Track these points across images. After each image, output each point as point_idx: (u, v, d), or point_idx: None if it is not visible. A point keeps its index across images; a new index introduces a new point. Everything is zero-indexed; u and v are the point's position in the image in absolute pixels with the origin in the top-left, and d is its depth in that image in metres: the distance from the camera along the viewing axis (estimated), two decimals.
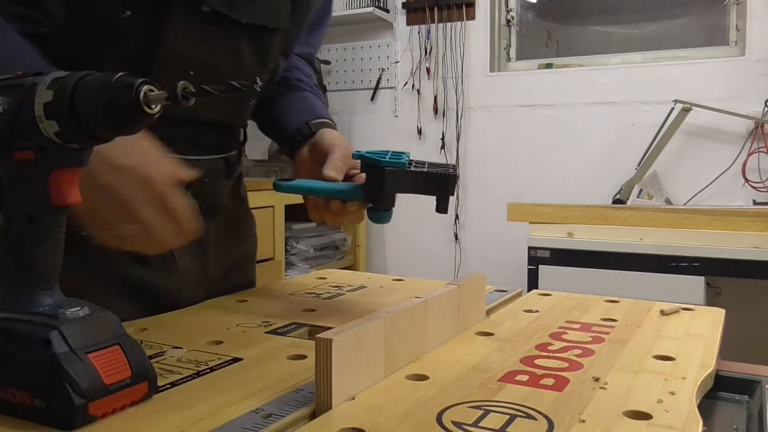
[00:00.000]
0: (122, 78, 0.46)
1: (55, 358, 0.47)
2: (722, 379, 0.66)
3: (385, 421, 0.49)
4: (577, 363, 0.63)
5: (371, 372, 0.57)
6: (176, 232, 0.66)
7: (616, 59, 3.12)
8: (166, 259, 0.86)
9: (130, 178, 0.63)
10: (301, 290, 0.97)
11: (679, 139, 2.84)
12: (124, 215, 0.64)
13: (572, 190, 3.01)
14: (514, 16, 3.36)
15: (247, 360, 0.64)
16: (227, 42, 0.82)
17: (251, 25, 0.82)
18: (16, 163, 0.50)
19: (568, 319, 0.80)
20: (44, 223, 0.50)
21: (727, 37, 2.97)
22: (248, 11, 0.81)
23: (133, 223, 0.64)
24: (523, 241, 2.32)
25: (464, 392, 0.55)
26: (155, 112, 0.47)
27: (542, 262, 2.25)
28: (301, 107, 0.98)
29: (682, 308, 0.85)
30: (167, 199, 0.65)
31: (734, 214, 2.08)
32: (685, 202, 2.83)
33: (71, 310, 0.50)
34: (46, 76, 0.48)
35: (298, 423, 0.50)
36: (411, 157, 0.76)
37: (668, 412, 0.51)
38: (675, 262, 2.08)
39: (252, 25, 0.83)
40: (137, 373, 0.51)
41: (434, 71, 3.35)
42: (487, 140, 3.27)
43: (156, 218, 0.64)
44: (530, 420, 0.49)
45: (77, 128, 0.47)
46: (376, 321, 0.57)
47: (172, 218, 0.65)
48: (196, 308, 0.87)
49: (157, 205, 0.64)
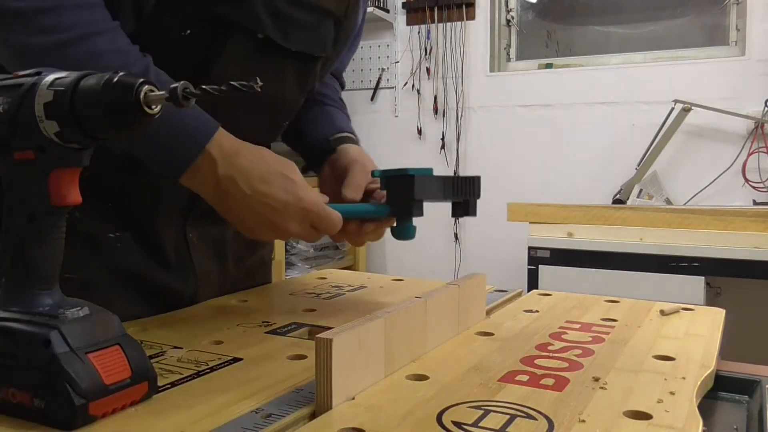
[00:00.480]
0: (122, 78, 0.46)
1: (55, 358, 0.47)
2: (722, 379, 0.66)
3: (385, 421, 0.49)
4: (577, 363, 0.63)
5: (371, 372, 0.57)
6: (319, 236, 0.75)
7: (616, 59, 3.12)
8: (184, 263, 0.87)
9: (283, 207, 0.71)
10: (301, 290, 0.97)
11: (679, 139, 2.84)
12: (274, 233, 0.73)
13: (572, 190, 3.01)
14: (514, 16, 3.37)
15: (247, 360, 0.64)
16: (274, 67, 0.84)
17: (299, 52, 0.84)
18: (16, 163, 0.50)
19: (568, 319, 0.80)
20: (44, 223, 0.50)
21: (727, 37, 2.97)
22: (298, 40, 0.83)
23: (281, 236, 0.74)
24: (523, 241, 2.32)
25: (464, 392, 0.55)
26: (155, 112, 0.47)
27: (542, 262, 2.25)
28: (323, 122, 1.00)
29: (682, 308, 0.85)
30: (320, 222, 0.73)
31: (734, 214, 2.08)
32: (685, 202, 2.83)
33: (71, 310, 0.50)
34: (46, 76, 0.48)
35: (298, 423, 0.50)
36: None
37: (668, 412, 0.51)
38: (675, 262, 2.08)
39: (299, 53, 0.84)
40: (137, 373, 0.51)
41: (434, 71, 3.35)
42: (487, 140, 3.27)
43: (303, 232, 0.73)
44: (530, 420, 0.49)
45: (77, 128, 0.47)
46: (376, 321, 0.57)
47: (319, 232, 0.74)
48: (196, 308, 0.87)
49: (306, 223, 0.73)
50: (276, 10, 0.78)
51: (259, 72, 0.81)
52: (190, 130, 0.70)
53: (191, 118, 0.70)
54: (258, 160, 0.72)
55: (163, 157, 0.70)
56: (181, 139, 0.69)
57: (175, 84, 0.46)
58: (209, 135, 0.70)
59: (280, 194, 0.71)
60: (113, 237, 0.81)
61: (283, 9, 0.79)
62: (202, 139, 0.70)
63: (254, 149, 0.73)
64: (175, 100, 0.46)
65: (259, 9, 0.76)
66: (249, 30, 0.77)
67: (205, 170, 0.70)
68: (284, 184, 0.71)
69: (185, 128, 0.69)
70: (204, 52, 0.76)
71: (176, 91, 0.46)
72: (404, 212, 0.77)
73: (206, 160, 0.70)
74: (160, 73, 0.71)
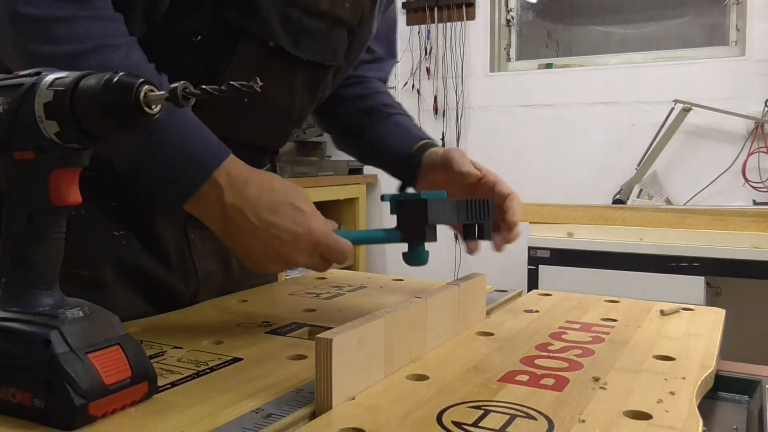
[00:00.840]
0: (122, 78, 0.46)
1: (55, 358, 0.47)
2: (722, 379, 0.66)
3: (385, 421, 0.49)
4: (577, 363, 0.63)
5: (371, 372, 0.57)
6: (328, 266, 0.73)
7: (616, 59, 3.12)
8: (186, 265, 0.87)
9: (292, 239, 0.69)
10: (301, 290, 0.97)
11: (679, 139, 2.84)
12: (282, 264, 0.72)
13: (572, 190, 3.01)
14: (514, 16, 3.37)
15: (247, 360, 0.64)
16: (284, 75, 0.83)
17: (309, 61, 0.84)
18: (16, 163, 0.50)
19: (568, 319, 0.80)
20: (44, 223, 0.50)
21: (727, 37, 2.97)
22: (310, 49, 0.82)
23: (288, 267, 0.73)
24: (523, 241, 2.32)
25: (464, 392, 0.55)
26: (155, 112, 0.47)
27: (542, 262, 2.25)
28: (399, 134, 0.99)
29: (682, 308, 0.85)
30: (330, 252, 0.71)
31: (734, 214, 2.09)
32: (685, 202, 2.83)
33: (71, 311, 0.50)
34: (46, 76, 0.48)
35: (298, 423, 0.50)
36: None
37: (668, 412, 0.51)
38: (675, 262, 2.08)
39: (310, 62, 0.84)
40: (137, 373, 0.51)
41: (434, 71, 3.35)
42: (487, 140, 3.27)
43: (312, 263, 0.72)
44: (530, 420, 0.49)
45: (77, 128, 0.47)
46: (376, 321, 0.57)
47: (329, 262, 0.72)
48: (196, 308, 0.87)
49: (315, 255, 0.71)
50: (288, 19, 0.78)
51: (268, 80, 0.82)
52: (198, 155, 0.68)
53: (200, 143, 0.69)
54: (267, 190, 0.69)
55: (170, 182, 0.69)
56: (188, 164, 0.68)
57: (175, 84, 0.46)
58: (218, 162, 0.68)
59: (289, 225, 0.69)
60: (118, 235, 0.81)
61: (296, 17, 0.78)
62: (210, 165, 0.68)
63: (264, 178, 0.71)
64: (175, 100, 0.46)
65: (271, 17, 0.76)
66: (260, 38, 0.77)
67: (211, 197, 0.68)
68: (293, 214, 0.69)
69: (194, 153, 0.68)
70: (214, 58, 0.76)
71: (176, 91, 0.46)
72: (416, 237, 0.74)
73: (213, 186, 0.68)
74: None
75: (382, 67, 1.08)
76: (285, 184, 0.71)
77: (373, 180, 3.47)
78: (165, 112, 0.66)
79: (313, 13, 0.80)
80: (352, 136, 1.04)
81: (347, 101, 1.03)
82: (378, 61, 1.07)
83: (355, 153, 1.07)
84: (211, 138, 0.70)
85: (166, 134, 0.67)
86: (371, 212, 3.52)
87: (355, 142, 1.05)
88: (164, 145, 0.67)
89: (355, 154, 1.08)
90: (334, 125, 1.08)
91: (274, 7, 0.76)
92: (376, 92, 1.04)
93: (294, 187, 0.72)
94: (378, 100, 1.03)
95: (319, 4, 0.80)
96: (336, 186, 3.20)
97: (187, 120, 0.69)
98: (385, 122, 1.01)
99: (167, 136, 0.67)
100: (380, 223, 3.50)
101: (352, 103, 1.03)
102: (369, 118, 1.02)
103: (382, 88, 1.06)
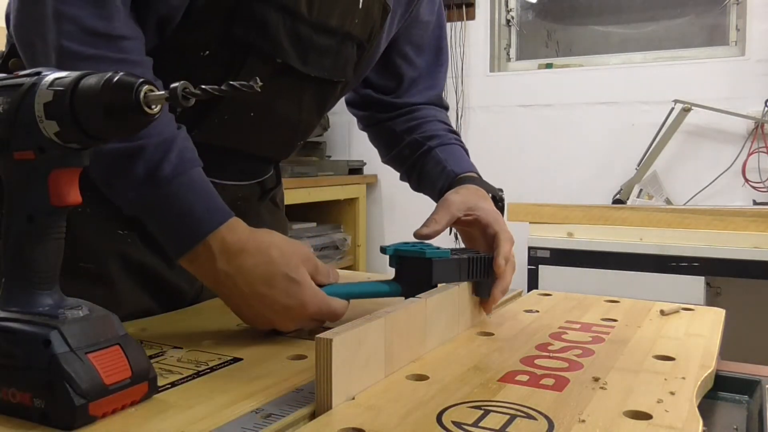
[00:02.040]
0: (122, 78, 0.46)
1: (55, 358, 0.47)
2: (722, 379, 0.66)
3: (385, 421, 0.49)
4: (577, 363, 0.63)
5: (371, 372, 0.57)
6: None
7: (616, 59, 3.12)
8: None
9: (284, 311, 0.69)
10: None
11: (679, 139, 2.84)
12: (272, 328, 0.71)
13: (572, 190, 3.01)
14: (514, 16, 3.36)
15: (247, 360, 0.64)
16: (292, 90, 0.83)
17: (318, 77, 0.83)
18: (16, 163, 0.50)
19: (568, 319, 0.80)
20: (44, 223, 0.50)
21: (727, 37, 2.97)
22: (318, 65, 0.82)
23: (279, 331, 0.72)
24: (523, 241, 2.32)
25: (464, 392, 0.55)
26: (155, 112, 0.47)
27: (542, 262, 2.25)
28: (436, 170, 0.97)
29: (682, 308, 0.85)
30: (322, 317, 0.71)
31: (734, 214, 2.08)
32: (685, 202, 2.83)
33: (71, 311, 0.50)
34: (46, 76, 0.48)
35: (298, 423, 0.50)
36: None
37: (668, 412, 0.51)
38: (675, 262, 2.08)
39: (318, 78, 0.84)
40: (137, 373, 0.51)
41: None
42: (487, 140, 3.26)
43: (303, 326, 0.71)
44: (530, 420, 0.49)
45: (77, 128, 0.47)
46: (376, 321, 0.57)
47: (321, 323, 0.72)
48: (196, 308, 0.87)
49: (306, 321, 0.71)
50: (297, 35, 0.77)
51: (276, 94, 0.82)
52: (197, 216, 0.67)
53: (203, 202, 0.68)
54: (262, 261, 0.67)
55: (167, 234, 0.69)
56: (184, 223, 0.67)
57: (175, 84, 0.46)
58: (214, 226, 0.67)
59: (282, 299, 0.68)
60: (122, 234, 0.81)
61: (305, 34, 0.78)
62: (206, 227, 0.67)
63: (262, 246, 0.68)
64: (175, 100, 0.46)
65: (280, 33, 0.76)
66: (267, 54, 0.77)
67: (203, 260, 0.67)
68: (288, 287, 0.68)
69: (193, 213, 0.67)
70: (221, 73, 0.75)
71: (176, 91, 0.46)
72: (415, 293, 0.71)
73: (205, 251, 0.67)
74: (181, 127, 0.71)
75: (432, 83, 1.05)
76: (283, 251, 0.69)
77: (373, 180, 3.46)
78: (174, 167, 0.66)
79: (323, 29, 0.80)
80: (405, 174, 1.04)
81: (397, 135, 1.03)
82: (426, 78, 1.04)
83: (413, 185, 1.05)
84: (215, 201, 0.69)
85: (172, 186, 0.67)
86: (371, 212, 3.51)
87: (408, 180, 1.04)
88: (167, 197, 0.67)
89: (413, 186, 1.06)
90: (391, 162, 1.07)
91: (283, 23, 0.76)
92: (420, 123, 1.02)
93: (292, 252, 0.69)
94: (422, 132, 1.01)
95: (329, 21, 0.80)
96: (336, 186, 3.20)
97: (195, 179, 0.69)
98: (423, 158, 0.99)
99: (173, 188, 0.67)
100: (380, 224, 3.50)
101: (402, 137, 1.02)
102: (412, 153, 1.00)
103: (429, 116, 1.03)
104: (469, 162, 0.99)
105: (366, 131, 1.10)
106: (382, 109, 1.05)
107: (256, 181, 0.96)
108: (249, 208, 0.93)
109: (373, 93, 1.04)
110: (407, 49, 1.01)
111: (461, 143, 1.03)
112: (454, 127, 1.06)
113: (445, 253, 0.73)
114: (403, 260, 0.74)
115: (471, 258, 0.75)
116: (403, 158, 1.03)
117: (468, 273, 0.75)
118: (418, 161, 1.00)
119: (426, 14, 1.01)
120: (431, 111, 1.04)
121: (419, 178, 1.00)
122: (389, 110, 1.04)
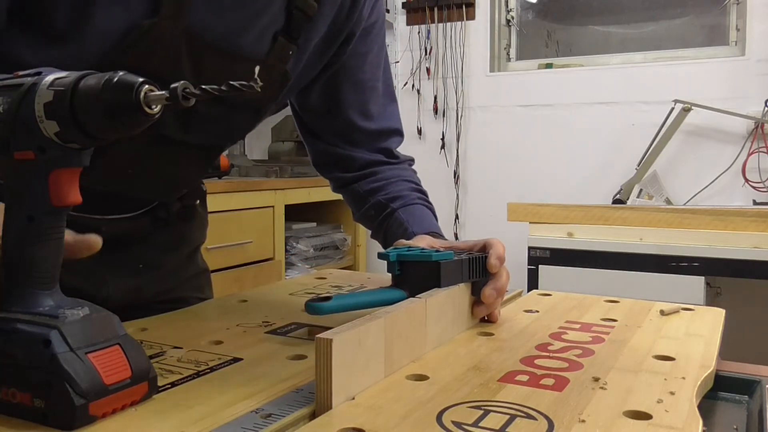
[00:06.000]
0: (123, 78, 0.46)
1: (55, 358, 0.47)
2: (722, 379, 0.66)
3: (385, 421, 0.49)
4: (577, 363, 0.63)
5: (371, 372, 0.57)
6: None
7: (616, 59, 3.12)
8: (95, 275, 0.85)
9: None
10: (301, 290, 0.97)
11: (679, 139, 2.84)
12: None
13: (572, 190, 3.01)
14: (514, 16, 3.37)
15: (247, 360, 0.64)
16: (172, 155, 0.81)
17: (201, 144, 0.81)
18: (16, 163, 0.49)
19: (568, 319, 0.80)
20: (44, 223, 0.50)
21: (727, 37, 2.97)
22: (202, 133, 0.79)
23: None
24: (523, 241, 2.32)
25: (464, 392, 0.55)
26: (155, 112, 0.47)
27: (542, 262, 2.25)
28: (398, 233, 0.96)
29: (682, 308, 0.85)
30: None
31: (734, 214, 2.08)
32: (685, 202, 2.83)
33: (71, 311, 0.50)
34: (47, 76, 0.48)
35: (298, 423, 0.50)
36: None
37: (668, 412, 0.51)
38: (675, 262, 2.08)
39: (202, 144, 0.81)
40: (137, 373, 0.51)
41: (434, 71, 3.35)
42: (487, 140, 3.27)
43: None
44: (530, 420, 0.50)
45: (77, 128, 0.47)
46: (376, 321, 0.57)
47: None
48: (196, 308, 0.87)
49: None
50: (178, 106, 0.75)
51: (154, 158, 0.79)
52: None
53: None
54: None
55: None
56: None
57: (175, 84, 0.46)
58: None
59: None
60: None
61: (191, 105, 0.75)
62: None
63: None
64: (175, 100, 0.46)
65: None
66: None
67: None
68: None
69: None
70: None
71: (176, 91, 0.46)
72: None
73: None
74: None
75: (388, 129, 1.04)
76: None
77: None
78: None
79: (213, 99, 0.77)
80: (374, 233, 1.04)
81: (362, 197, 1.02)
82: (383, 134, 1.04)
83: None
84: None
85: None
86: None
87: (377, 239, 1.04)
88: None
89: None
90: (361, 221, 1.07)
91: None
92: (383, 185, 1.01)
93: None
94: (385, 194, 1.00)
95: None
96: None
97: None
98: (387, 220, 0.99)
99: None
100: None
101: (366, 198, 1.02)
102: (377, 215, 1.00)
103: (393, 176, 1.02)
104: (433, 221, 0.98)
105: (337, 192, 1.09)
106: (344, 168, 1.04)
107: (142, 210, 0.91)
108: (141, 239, 0.90)
109: (329, 146, 1.03)
110: (353, 115, 1.00)
111: (426, 202, 1.02)
112: (420, 185, 1.05)
113: (449, 254, 0.73)
114: (407, 265, 0.73)
115: (471, 258, 0.76)
116: (369, 218, 1.02)
117: (469, 273, 0.75)
118: (383, 222, 1.00)
119: (362, 45, 0.96)
120: (395, 171, 1.03)
121: (385, 239, 1.00)
122: (350, 168, 1.03)
